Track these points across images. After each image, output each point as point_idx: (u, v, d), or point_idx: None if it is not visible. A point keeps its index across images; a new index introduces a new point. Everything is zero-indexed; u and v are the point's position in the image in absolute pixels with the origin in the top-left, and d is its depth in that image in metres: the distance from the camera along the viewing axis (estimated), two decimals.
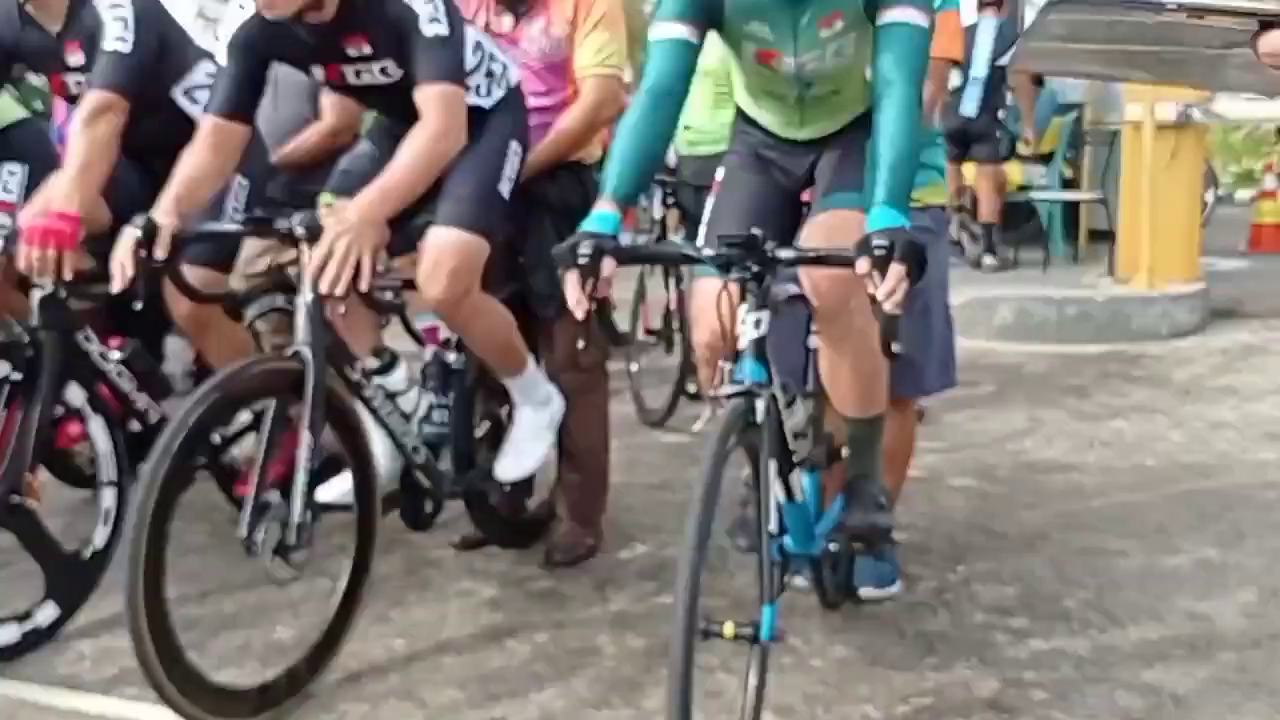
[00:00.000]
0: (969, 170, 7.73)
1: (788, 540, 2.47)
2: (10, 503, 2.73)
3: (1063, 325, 6.50)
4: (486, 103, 2.82)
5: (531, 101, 3.07)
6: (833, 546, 2.44)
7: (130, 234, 2.36)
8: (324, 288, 2.29)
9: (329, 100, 3.64)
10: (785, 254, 2.00)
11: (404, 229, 2.72)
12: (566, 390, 3.17)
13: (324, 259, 2.27)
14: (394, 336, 3.38)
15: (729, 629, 1.92)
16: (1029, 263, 7.69)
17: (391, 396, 2.78)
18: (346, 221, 2.31)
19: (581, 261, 1.91)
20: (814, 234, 2.35)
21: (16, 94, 3.74)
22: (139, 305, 2.45)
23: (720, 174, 2.58)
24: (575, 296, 1.93)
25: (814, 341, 2.53)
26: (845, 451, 2.54)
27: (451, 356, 3.06)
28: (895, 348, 1.99)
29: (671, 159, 5.11)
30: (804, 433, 2.36)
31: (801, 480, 2.34)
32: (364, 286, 2.32)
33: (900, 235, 1.88)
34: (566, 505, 3.37)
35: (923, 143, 2.87)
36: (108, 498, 2.93)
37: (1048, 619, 2.86)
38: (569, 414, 3.17)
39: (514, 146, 2.85)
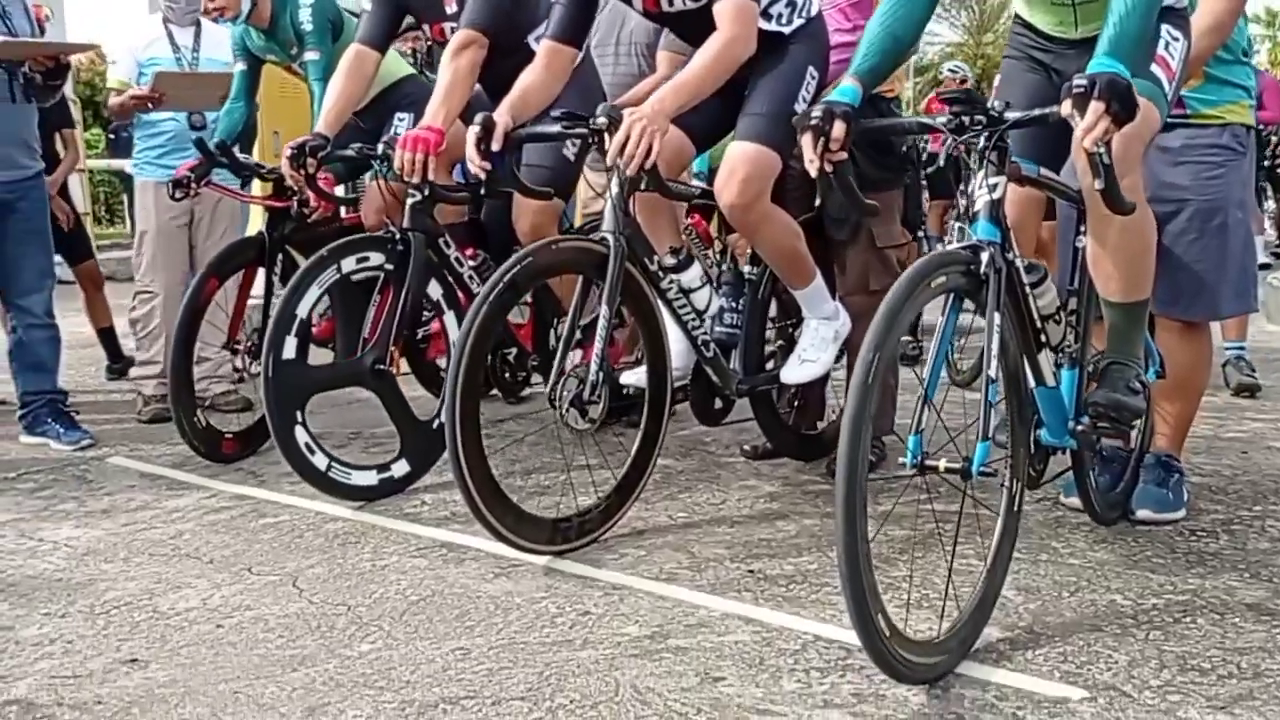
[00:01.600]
0: None
1: (1044, 433, 2.54)
2: (377, 369, 3.31)
3: None
4: (786, 29, 3.07)
5: (837, 38, 3.30)
6: (1080, 427, 2.46)
7: (472, 130, 2.82)
8: (622, 165, 2.64)
9: (662, 56, 4.06)
10: (1011, 114, 2.10)
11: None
12: (855, 313, 3.35)
13: (623, 141, 2.62)
14: None
15: (943, 464, 2.05)
16: None
17: (686, 292, 3.09)
18: (641, 111, 2.66)
19: (813, 122, 2.12)
20: None
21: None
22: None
23: (998, 78, 2.69)
24: (809, 155, 2.14)
25: (1081, 241, 2.57)
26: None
27: (747, 267, 3.34)
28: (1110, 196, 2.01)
29: None
30: (1055, 317, 2.41)
31: (1051, 365, 2.40)
32: (649, 164, 2.64)
33: (1102, 76, 1.92)
34: None
35: (1227, 60, 2.87)
36: None
37: None
38: (858, 336, 3.35)
39: (810, 71, 3.08)
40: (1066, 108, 1.94)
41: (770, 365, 3.40)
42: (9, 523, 3.22)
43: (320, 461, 3.22)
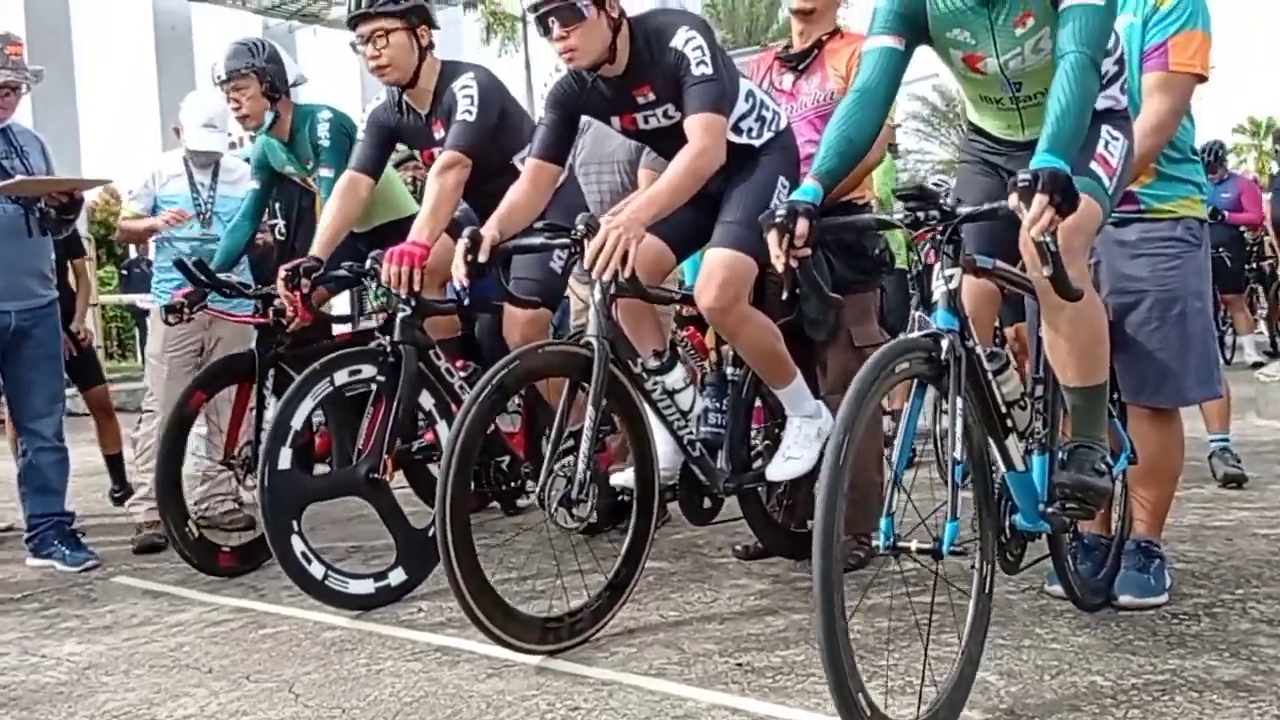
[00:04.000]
0: None
1: (1019, 518, 2.62)
2: (371, 478, 3.39)
3: None
4: (757, 142, 3.25)
5: (807, 150, 3.47)
6: (1049, 509, 2.53)
7: (461, 243, 2.96)
8: (595, 272, 2.77)
9: (644, 173, 4.23)
10: (963, 209, 2.23)
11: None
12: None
13: (599, 248, 2.76)
14: None
15: (914, 545, 2.13)
16: None
17: (670, 393, 3.19)
18: (617, 220, 2.80)
19: (778, 220, 2.26)
20: None
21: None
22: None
23: (954, 181, 2.83)
24: (775, 252, 2.27)
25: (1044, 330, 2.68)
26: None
27: (730, 368, 3.45)
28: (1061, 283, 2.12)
29: None
30: (1020, 403, 2.51)
31: (1019, 450, 2.49)
32: (626, 274, 2.78)
33: (1044, 170, 2.05)
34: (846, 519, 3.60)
35: (1176, 158, 3.02)
36: None
37: None
38: None
39: (782, 180, 3.24)
40: (1014, 200, 2.07)
41: (757, 464, 3.48)
42: (13, 641, 3.28)
43: (317, 571, 3.28)
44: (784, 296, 3.01)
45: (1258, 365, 8.45)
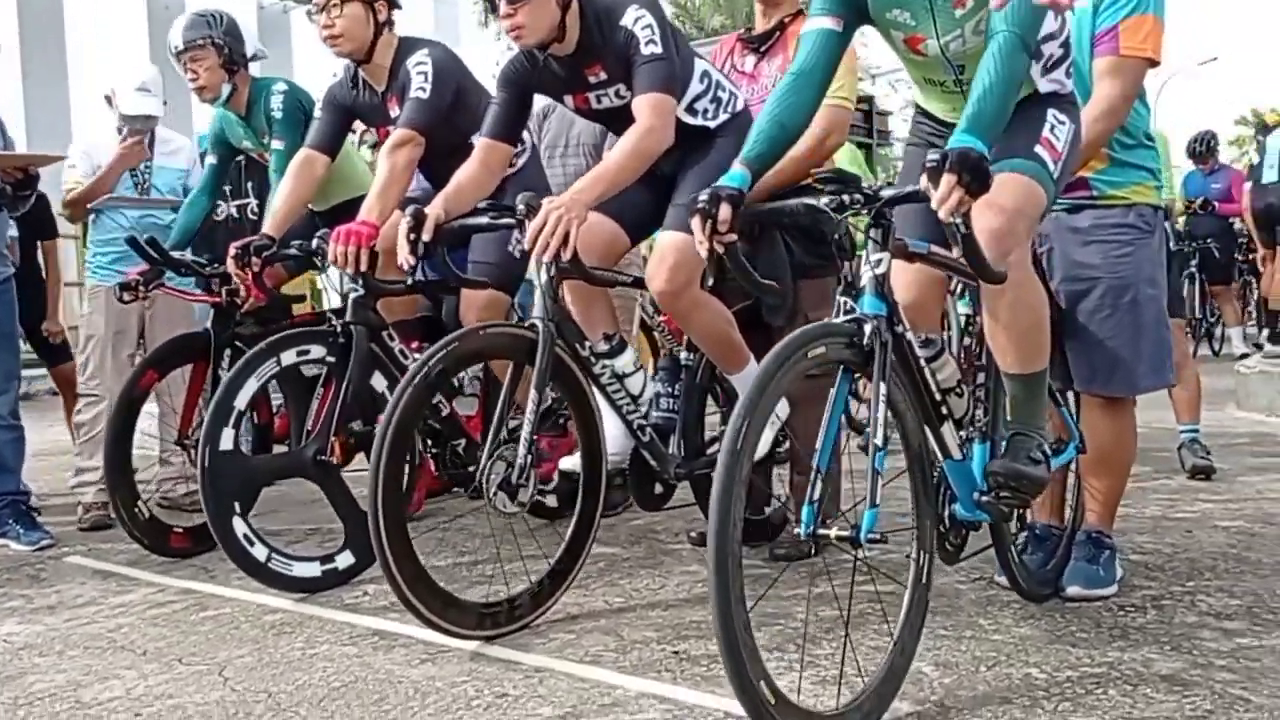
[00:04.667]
0: None
1: (958, 507, 2.58)
2: (319, 460, 3.35)
3: None
4: (713, 123, 3.20)
5: None
6: (986, 499, 2.49)
7: (403, 222, 2.92)
8: (536, 252, 2.73)
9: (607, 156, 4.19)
10: (887, 192, 2.18)
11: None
12: (793, 397, 3.41)
13: (539, 228, 2.71)
14: None
15: (834, 533, 2.09)
16: None
17: (620, 377, 3.15)
18: (559, 200, 2.76)
19: (700, 206, 2.21)
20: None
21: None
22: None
23: (903, 167, 2.78)
24: (698, 238, 2.22)
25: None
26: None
27: (683, 354, 3.40)
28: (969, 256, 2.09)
29: None
30: (957, 390, 2.46)
31: (956, 438, 2.44)
32: (566, 255, 2.73)
33: (954, 150, 1.99)
34: (795, 506, 3.56)
35: (1129, 144, 2.97)
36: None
37: (1269, 625, 2.71)
38: (795, 420, 3.40)
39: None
40: (923, 181, 2.02)
41: (711, 450, 3.44)
42: None
43: (260, 553, 3.25)
44: (709, 283, 2.96)
45: (1245, 357, 8.40)
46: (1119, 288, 2.91)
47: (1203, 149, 10.00)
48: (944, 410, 2.41)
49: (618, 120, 3.20)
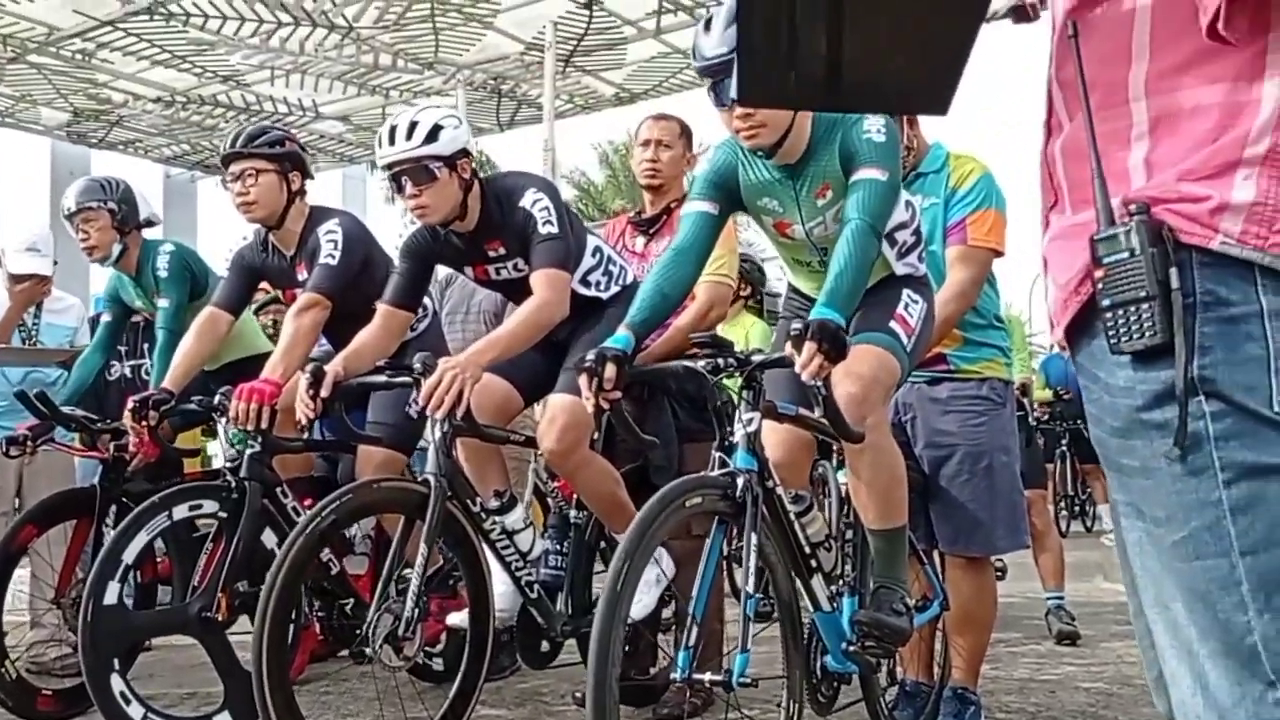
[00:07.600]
0: None
1: (829, 658, 2.70)
2: (204, 617, 3.34)
3: None
4: (605, 295, 3.42)
5: None
6: (853, 649, 2.62)
7: (303, 378, 3.03)
8: (430, 410, 2.86)
9: None
10: (757, 357, 2.39)
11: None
12: (679, 556, 3.53)
13: (434, 385, 2.85)
14: None
15: (708, 676, 2.20)
16: None
17: (509, 534, 3.25)
18: (455, 360, 2.91)
19: (587, 365, 2.39)
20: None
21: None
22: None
23: (774, 338, 3.02)
24: (585, 394, 2.40)
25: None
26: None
27: (573, 512, 3.52)
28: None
29: None
30: (825, 545, 2.63)
31: (824, 590, 2.60)
32: (460, 412, 2.87)
33: (815, 321, 2.21)
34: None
35: (980, 324, 3.26)
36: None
37: None
38: (682, 579, 3.51)
39: None
40: (788, 348, 2.23)
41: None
42: None
43: (136, 712, 3.18)
44: (594, 437, 3.12)
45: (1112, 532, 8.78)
46: (975, 454, 3.15)
47: None
48: (814, 563, 2.56)
49: (516, 291, 3.40)
